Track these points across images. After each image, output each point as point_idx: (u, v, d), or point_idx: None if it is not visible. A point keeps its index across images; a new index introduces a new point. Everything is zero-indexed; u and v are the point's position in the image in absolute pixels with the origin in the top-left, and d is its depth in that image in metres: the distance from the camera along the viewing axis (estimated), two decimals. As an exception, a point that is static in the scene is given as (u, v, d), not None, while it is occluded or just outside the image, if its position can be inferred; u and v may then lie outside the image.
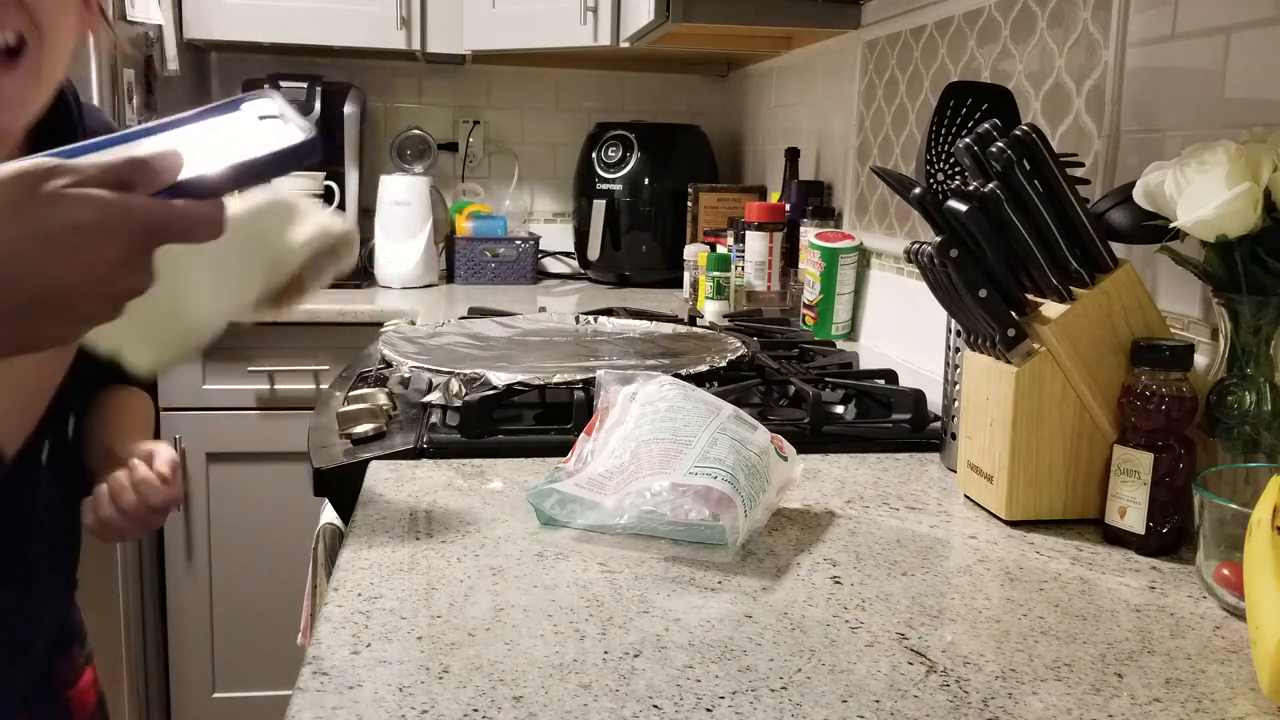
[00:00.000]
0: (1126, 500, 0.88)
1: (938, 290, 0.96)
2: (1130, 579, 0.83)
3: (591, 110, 2.90)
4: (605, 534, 0.88)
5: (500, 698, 0.62)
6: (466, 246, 2.67)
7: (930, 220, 0.97)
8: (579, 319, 1.64)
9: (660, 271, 2.63)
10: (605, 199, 2.61)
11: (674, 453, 0.88)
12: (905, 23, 1.74)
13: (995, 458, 0.94)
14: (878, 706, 0.62)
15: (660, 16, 1.83)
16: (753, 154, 2.73)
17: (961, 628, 0.73)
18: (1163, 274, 1.09)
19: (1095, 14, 1.21)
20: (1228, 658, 0.70)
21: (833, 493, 1.02)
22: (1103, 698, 0.64)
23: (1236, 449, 0.88)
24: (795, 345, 1.59)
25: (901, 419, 1.20)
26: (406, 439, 1.12)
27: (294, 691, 0.63)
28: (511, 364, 1.27)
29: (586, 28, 2.25)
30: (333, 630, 0.70)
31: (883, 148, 1.83)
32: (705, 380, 1.25)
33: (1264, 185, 0.83)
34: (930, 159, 1.10)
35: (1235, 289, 0.86)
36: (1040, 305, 0.93)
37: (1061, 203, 0.90)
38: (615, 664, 0.67)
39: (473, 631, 0.71)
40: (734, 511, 0.84)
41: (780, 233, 2.03)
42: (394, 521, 0.91)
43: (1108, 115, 1.19)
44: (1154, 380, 0.87)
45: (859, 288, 1.91)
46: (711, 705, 0.62)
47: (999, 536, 0.91)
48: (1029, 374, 0.91)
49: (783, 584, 0.80)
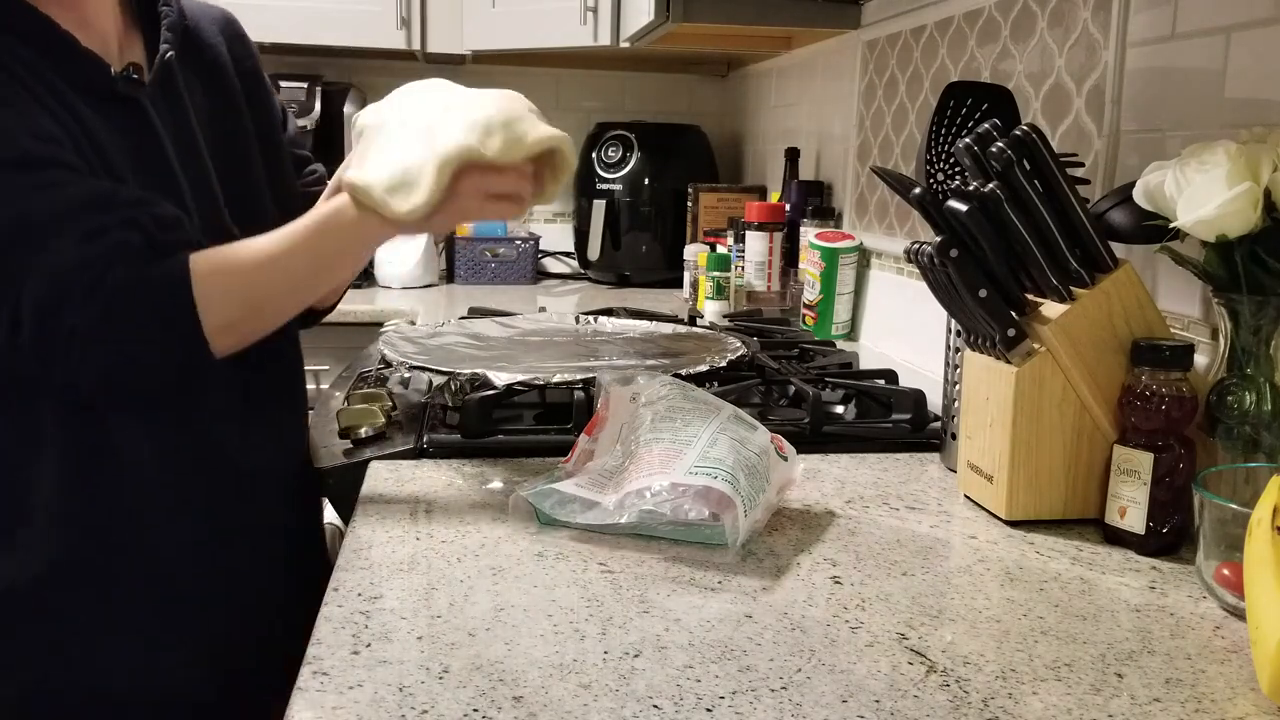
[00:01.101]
0: (1126, 500, 0.88)
1: (938, 290, 0.96)
2: (1130, 579, 0.83)
3: (591, 110, 2.90)
4: (605, 534, 0.88)
5: (500, 698, 0.62)
6: (466, 246, 2.67)
7: (930, 220, 0.97)
8: (579, 319, 1.64)
9: (660, 271, 2.63)
10: (605, 199, 2.61)
11: (674, 453, 0.88)
12: (905, 23, 1.74)
13: (995, 458, 0.94)
14: (878, 706, 0.62)
15: (660, 16, 1.83)
16: (753, 154, 2.73)
17: (961, 628, 0.73)
18: (1163, 274, 1.09)
19: (1095, 14, 1.21)
20: (1228, 658, 0.70)
21: (833, 493, 1.02)
22: (1103, 698, 0.64)
23: (1236, 449, 0.88)
24: (795, 345, 1.59)
25: (901, 419, 1.19)
26: (406, 439, 1.12)
27: (294, 691, 0.63)
28: (511, 364, 1.27)
29: (586, 28, 2.25)
30: (333, 630, 0.70)
31: (883, 148, 1.83)
32: (705, 380, 1.25)
33: (1264, 185, 0.83)
34: (930, 159, 1.10)
35: (1235, 289, 0.86)
36: (1040, 305, 0.93)
37: (1061, 203, 0.90)
38: (615, 664, 0.67)
39: (473, 631, 0.71)
40: (734, 511, 0.85)
41: (780, 233, 2.03)
42: (394, 522, 0.91)
43: (1108, 115, 1.19)
44: (1154, 380, 0.87)
45: (859, 288, 1.91)
46: (711, 705, 0.62)
47: (999, 536, 0.91)
48: (1029, 374, 0.91)
49: (783, 584, 0.80)
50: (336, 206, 0.90)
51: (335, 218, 0.90)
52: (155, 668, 0.96)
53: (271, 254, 0.90)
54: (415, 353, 1.33)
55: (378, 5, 2.48)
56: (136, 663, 0.95)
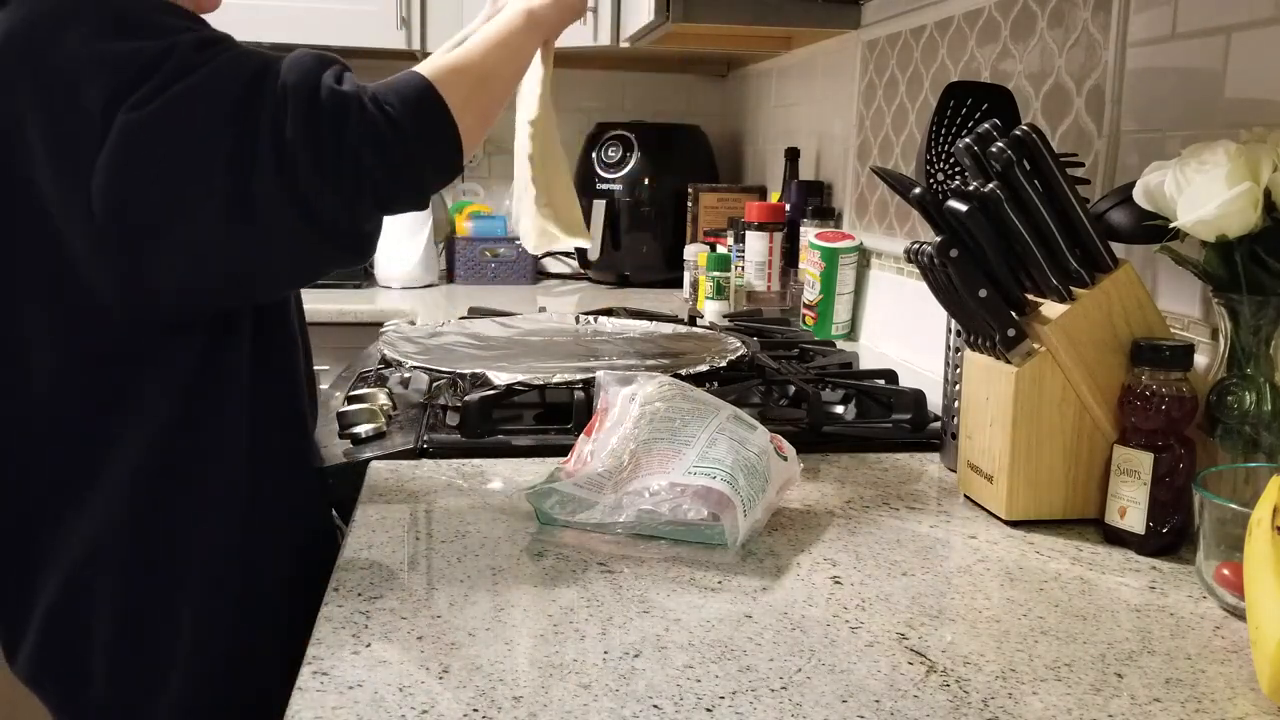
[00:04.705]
0: (1126, 500, 0.88)
1: (938, 290, 0.96)
2: (1130, 579, 0.83)
3: (591, 110, 2.90)
4: (605, 534, 0.88)
5: (500, 698, 0.62)
6: (466, 246, 2.67)
7: (930, 220, 0.97)
8: (579, 319, 1.64)
9: (660, 271, 2.63)
10: (605, 199, 2.60)
11: (673, 453, 0.88)
12: (905, 23, 1.74)
13: (995, 458, 0.94)
14: (878, 706, 0.62)
15: (660, 16, 1.83)
16: (753, 154, 2.73)
17: (961, 628, 0.73)
18: (1163, 274, 1.09)
19: (1095, 14, 1.21)
20: (1228, 658, 0.70)
21: (833, 493, 1.02)
22: (1103, 698, 0.64)
23: (1236, 449, 0.88)
24: (795, 345, 1.59)
25: (901, 419, 1.19)
26: (406, 439, 1.12)
27: (294, 691, 0.63)
28: (511, 364, 1.27)
29: (586, 28, 2.25)
30: (333, 630, 0.70)
31: (883, 148, 1.83)
32: (705, 380, 1.25)
33: (1264, 185, 0.83)
34: (930, 159, 1.10)
35: (1235, 289, 0.86)
36: (1040, 305, 0.93)
37: (1061, 203, 0.90)
38: (615, 664, 0.67)
39: (473, 631, 0.71)
40: (733, 511, 0.85)
41: (780, 233, 2.03)
42: (394, 521, 0.91)
43: (1108, 115, 1.19)
44: (1154, 380, 0.87)
45: (859, 288, 1.91)
46: (711, 705, 0.62)
47: (999, 536, 0.91)
48: (1029, 374, 0.91)
49: (783, 584, 0.80)
50: (508, 17, 1.04)
51: (510, 22, 1.04)
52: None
53: (471, 55, 0.98)
54: (415, 353, 1.33)
55: (378, 5, 2.48)
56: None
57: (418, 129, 0.88)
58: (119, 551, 0.92)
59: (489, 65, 0.99)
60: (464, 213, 2.73)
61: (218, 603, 0.95)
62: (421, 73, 0.91)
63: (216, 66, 0.84)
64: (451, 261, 2.69)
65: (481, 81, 0.97)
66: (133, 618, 0.93)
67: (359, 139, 0.84)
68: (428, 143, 0.89)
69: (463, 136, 0.91)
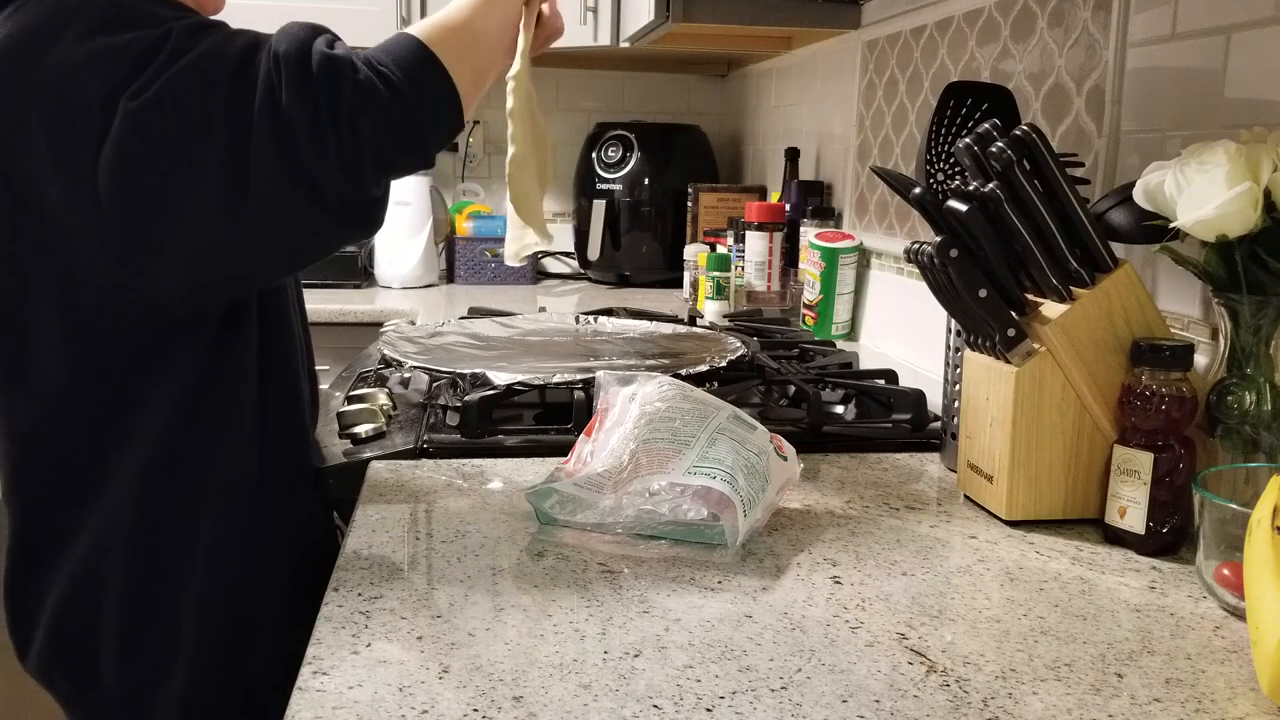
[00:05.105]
0: (1126, 500, 0.88)
1: (938, 290, 0.96)
2: (1130, 579, 0.83)
3: (591, 110, 2.90)
4: (605, 534, 0.88)
5: (500, 698, 0.62)
6: (466, 246, 2.67)
7: (930, 220, 0.97)
8: (579, 319, 1.64)
9: (660, 271, 2.63)
10: (605, 199, 2.61)
11: (673, 453, 0.88)
12: (905, 23, 1.74)
13: (995, 458, 0.94)
14: (878, 706, 0.62)
15: (660, 16, 1.83)
16: (753, 154, 2.73)
17: (961, 628, 0.73)
18: (1163, 274, 1.09)
19: (1095, 14, 1.21)
20: (1228, 658, 0.70)
21: (833, 493, 1.02)
22: (1103, 698, 0.64)
23: (1236, 449, 0.88)
24: (795, 345, 1.59)
25: (901, 419, 1.19)
26: (406, 439, 1.12)
27: (294, 691, 0.63)
28: (511, 364, 1.27)
29: (586, 28, 2.25)
30: (333, 630, 0.71)
31: (883, 148, 1.83)
32: (705, 380, 1.25)
33: (1264, 185, 0.83)
34: (930, 159, 1.10)
35: (1235, 289, 0.86)
36: (1040, 305, 0.93)
37: (1061, 203, 0.90)
38: (615, 664, 0.67)
39: (473, 631, 0.71)
40: (733, 511, 0.85)
41: (780, 233, 2.03)
42: (394, 521, 0.91)
43: (1108, 115, 1.19)
44: (1154, 380, 0.87)
45: (859, 288, 1.91)
46: (711, 705, 0.62)
47: (999, 536, 0.91)
48: (1029, 374, 0.91)
49: (783, 584, 0.80)
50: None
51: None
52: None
53: (459, 13, 0.98)
54: (415, 353, 1.33)
55: (377, 5, 2.48)
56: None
57: (415, 87, 0.87)
58: (126, 547, 0.93)
59: (477, 22, 0.98)
60: (464, 213, 2.73)
61: (221, 597, 0.96)
62: (411, 33, 0.92)
63: (209, 45, 0.85)
64: (451, 261, 2.69)
65: (474, 38, 0.97)
66: (140, 611, 0.94)
67: (355, 102, 0.84)
68: (427, 100, 0.89)
69: (460, 92, 0.91)
